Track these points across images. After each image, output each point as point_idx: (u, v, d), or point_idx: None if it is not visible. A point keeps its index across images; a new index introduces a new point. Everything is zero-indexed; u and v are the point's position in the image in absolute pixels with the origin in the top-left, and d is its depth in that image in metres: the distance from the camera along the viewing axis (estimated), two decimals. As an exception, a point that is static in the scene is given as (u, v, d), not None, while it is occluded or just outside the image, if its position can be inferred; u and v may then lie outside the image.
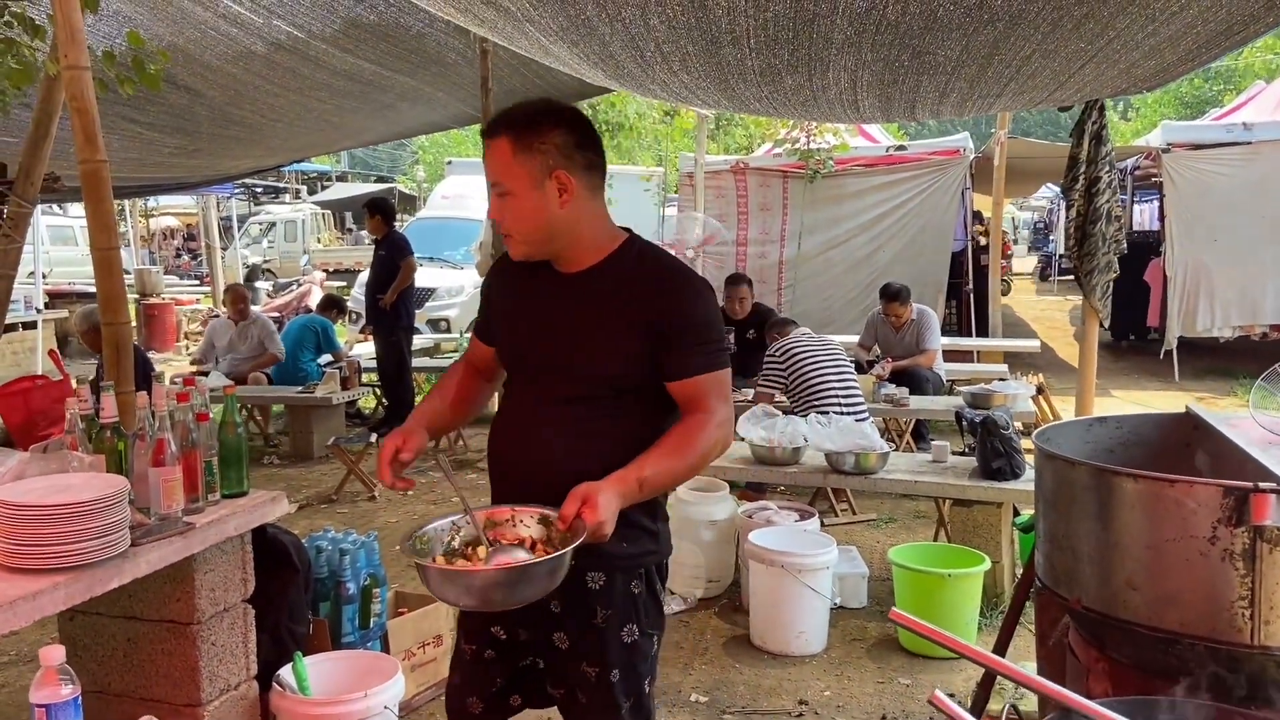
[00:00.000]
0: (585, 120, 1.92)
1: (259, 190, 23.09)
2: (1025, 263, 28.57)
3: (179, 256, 25.40)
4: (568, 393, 1.91)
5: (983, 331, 10.62)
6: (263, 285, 16.22)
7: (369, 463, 6.93)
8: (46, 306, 12.32)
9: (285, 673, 2.80)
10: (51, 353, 5.70)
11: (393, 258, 7.89)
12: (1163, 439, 2.55)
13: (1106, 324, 6.10)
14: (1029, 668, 2.60)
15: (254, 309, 8.78)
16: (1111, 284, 5.81)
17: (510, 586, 1.70)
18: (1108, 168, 5.67)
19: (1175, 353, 10.05)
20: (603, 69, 4.82)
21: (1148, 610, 1.91)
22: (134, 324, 14.06)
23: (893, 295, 7.19)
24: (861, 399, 5.63)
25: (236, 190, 14.94)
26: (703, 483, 4.59)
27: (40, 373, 10.11)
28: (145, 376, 6.37)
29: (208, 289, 16.60)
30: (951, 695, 3.51)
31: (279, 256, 21.75)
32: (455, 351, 9.79)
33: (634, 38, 3.81)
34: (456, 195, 14.29)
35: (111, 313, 3.99)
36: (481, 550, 1.82)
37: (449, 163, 16.53)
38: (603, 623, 1.93)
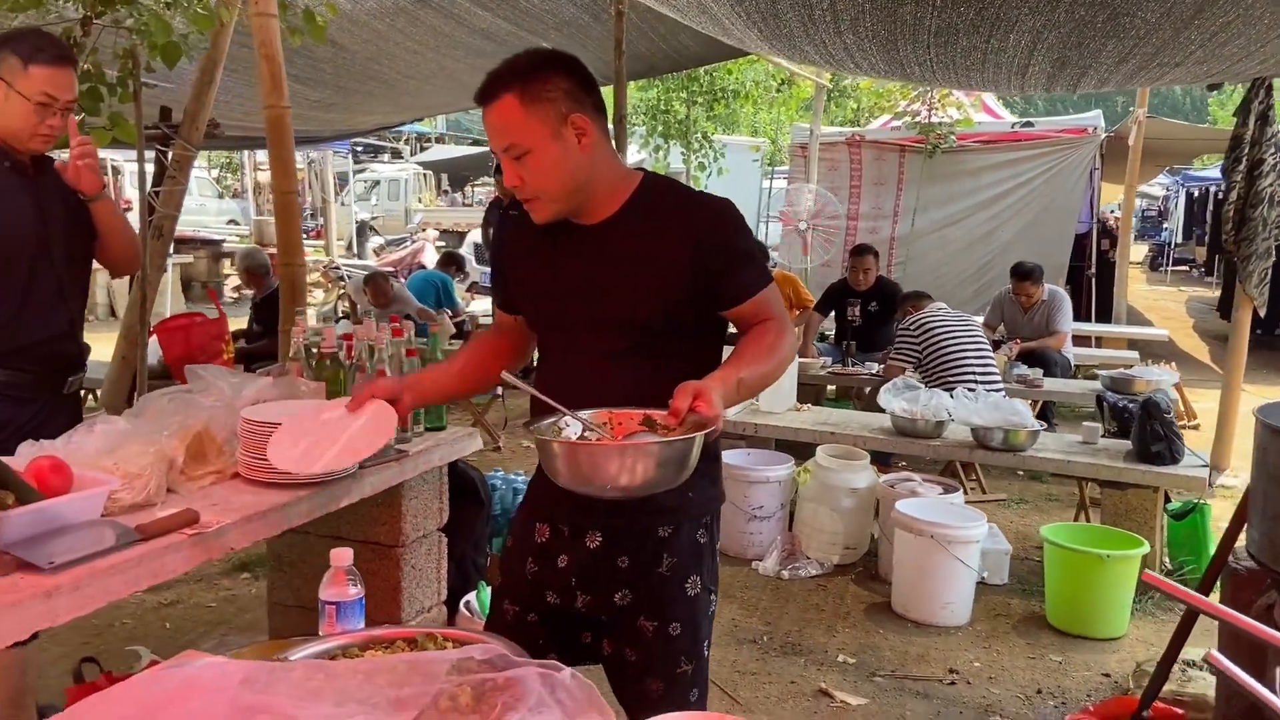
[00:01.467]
0: (580, 63, 1.81)
1: (359, 150, 23.54)
2: (1134, 251, 27.60)
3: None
4: (612, 346, 1.82)
5: (1102, 318, 10.33)
6: (371, 242, 16.56)
7: (494, 415, 7.08)
8: (173, 252, 12.78)
9: (470, 599, 2.92)
10: (210, 290, 5.92)
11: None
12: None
13: (1263, 312, 5.88)
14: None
15: (394, 286, 8.91)
16: (1269, 271, 5.60)
17: (648, 464, 1.58)
18: (1273, 150, 5.46)
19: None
20: (760, 28, 4.80)
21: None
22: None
23: (1025, 274, 7.03)
24: (998, 376, 5.55)
25: (354, 147, 15.27)
26: (843, 450, 4.59)
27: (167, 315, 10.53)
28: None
29: (317, 242, 17.07)
30: (1107, 675, 3.50)
31: (383, 214, 22.20)
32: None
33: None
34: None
35: (289, 254, 4.15)
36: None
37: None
38: (667, 571, 1.87)
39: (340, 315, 9.92)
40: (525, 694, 1.38)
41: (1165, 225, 25.52)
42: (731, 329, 1.94)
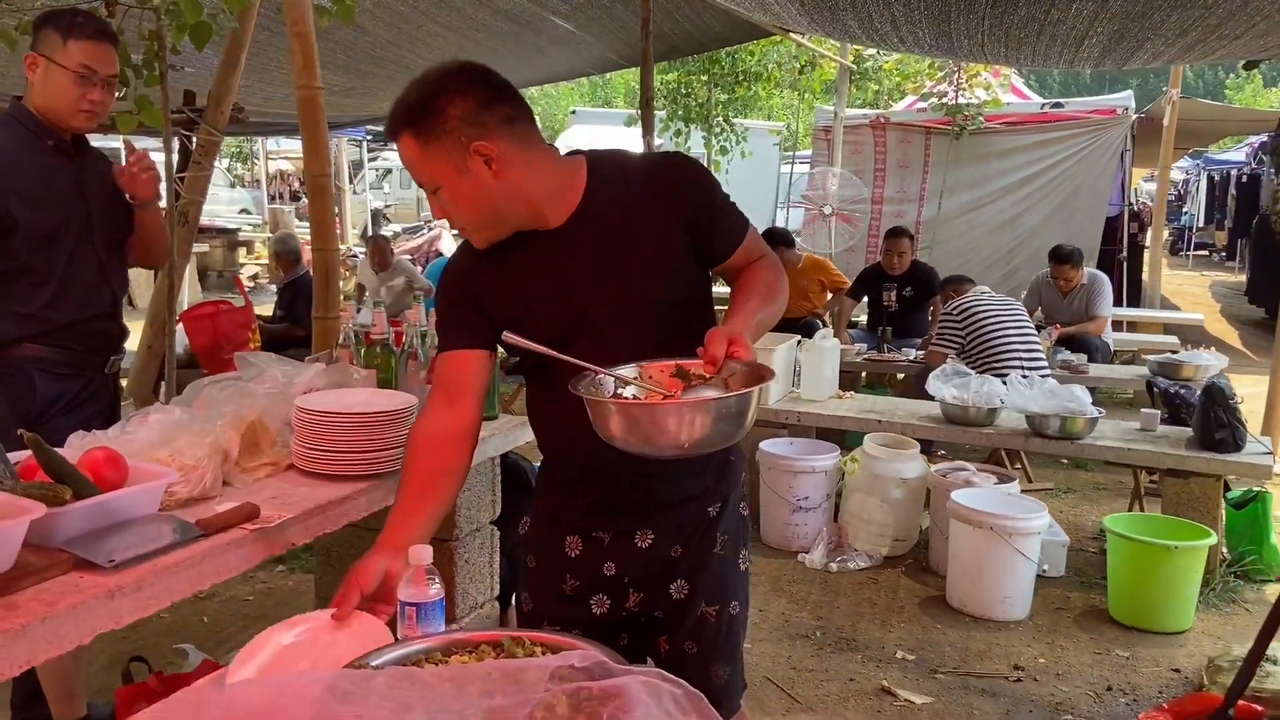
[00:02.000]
0: (480, 71, 1.64)
1: (370, 138, 23.43)
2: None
3: (296, 199, 25.98)
4: (621, 339, 1.65)
5: (1131, 302, 10.16)
6: (386, 230, 16.45)
7: (519, 404, 6.97)
8: (190, 240, 12.69)
9: (525, 595, 2.80)
10: (236, 279, 5.82)
11: None
12: None
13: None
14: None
15: (397, 256, 8.89)
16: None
17: (711, 420, 1.47)
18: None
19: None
20: (800, 3, 4.65)
21: None
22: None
23: (1064, 257, 6.86)
24: (1045, 362, 5.42)
25: (366, 134, 15.15)
26: (892, 439, 4.46)
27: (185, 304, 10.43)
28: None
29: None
30: (1177, 670, 3.37)
31: (396, 202, 22.08)
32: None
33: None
34: (584, 145, 14.24)
35: (321, 238, 4.04)
36: (655, 397, 1.56)
37: (573, 112, 16.46)
38: (722, 550, 1.83)
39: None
40: (631, 705, 1.28)
41: (1185, 209, 25.24)
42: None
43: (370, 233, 16.77)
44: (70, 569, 1.59)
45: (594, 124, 14.65)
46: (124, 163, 2.66)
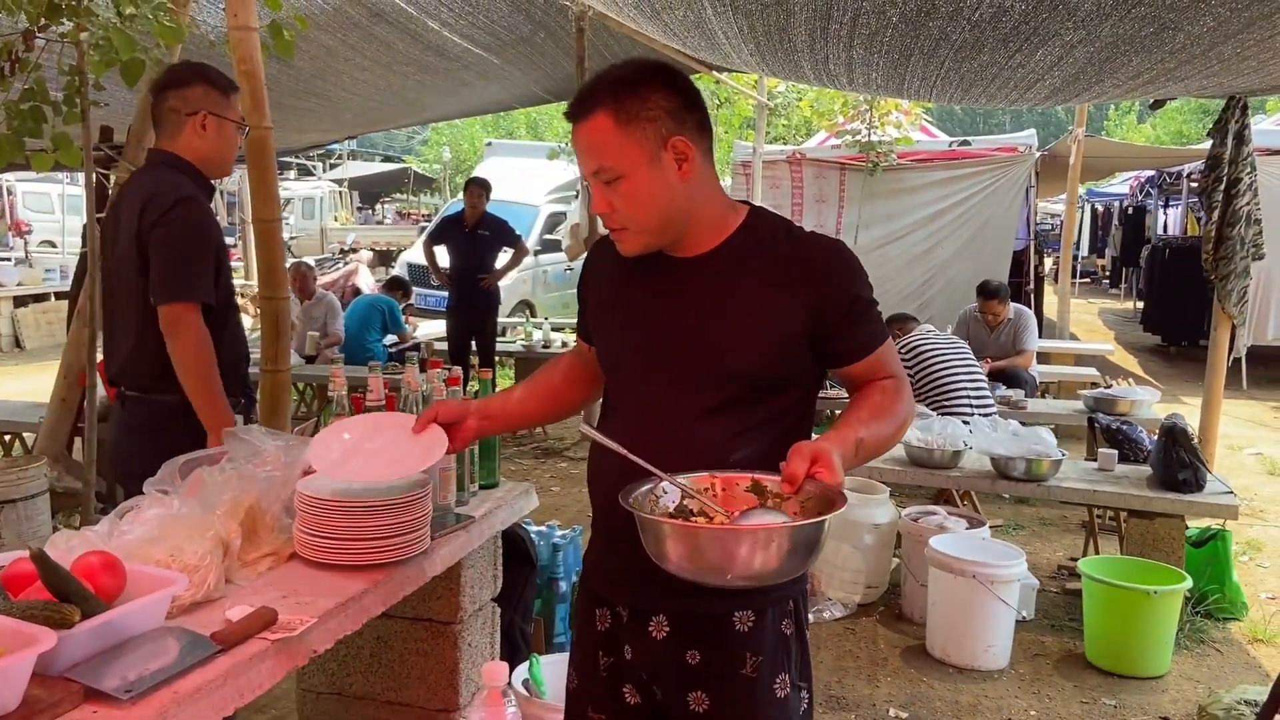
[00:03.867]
0: (686, 77, 1.62)
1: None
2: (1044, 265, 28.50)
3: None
4: (704, 402, 1.58)
5: (1043, 334, 10.46)
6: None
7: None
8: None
9: (524, 676, 2.63)
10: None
11: (498, 239, 7.72)
12: None
13: (1241, 327, 5.92)
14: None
15: (318, 287, 8.55)
16: (1247, 289, 5.65)
17: (774, 552, 1.35)
18: (1249, 169, 5.52)
19: (1244, 361, 9.91)
20: (758, 43, 4.61)
21: None
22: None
23: (992, 293, 7.00)
24: (992, 401, 5.47)
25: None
26: (859, 483, 4.41)
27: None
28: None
29: (234, 263, 16.28)
30: (1166, 719, 3.36)
31: (300, 233, 21.39)
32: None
33: (831, 6, 3.61)
34: (497, 180, 14.03)
35: (271, 287, 3.78)
36: (716, 518, 1.48)
37: (489, 144, 16.21)
38: (753, 672, 1.60)
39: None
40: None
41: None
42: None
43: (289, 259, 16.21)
44: (81, 702, 1.37)
45: (510, 156, 14.45)
46: None
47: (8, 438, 5.93)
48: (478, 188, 7.85)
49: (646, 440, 1.54)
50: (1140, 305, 15.09)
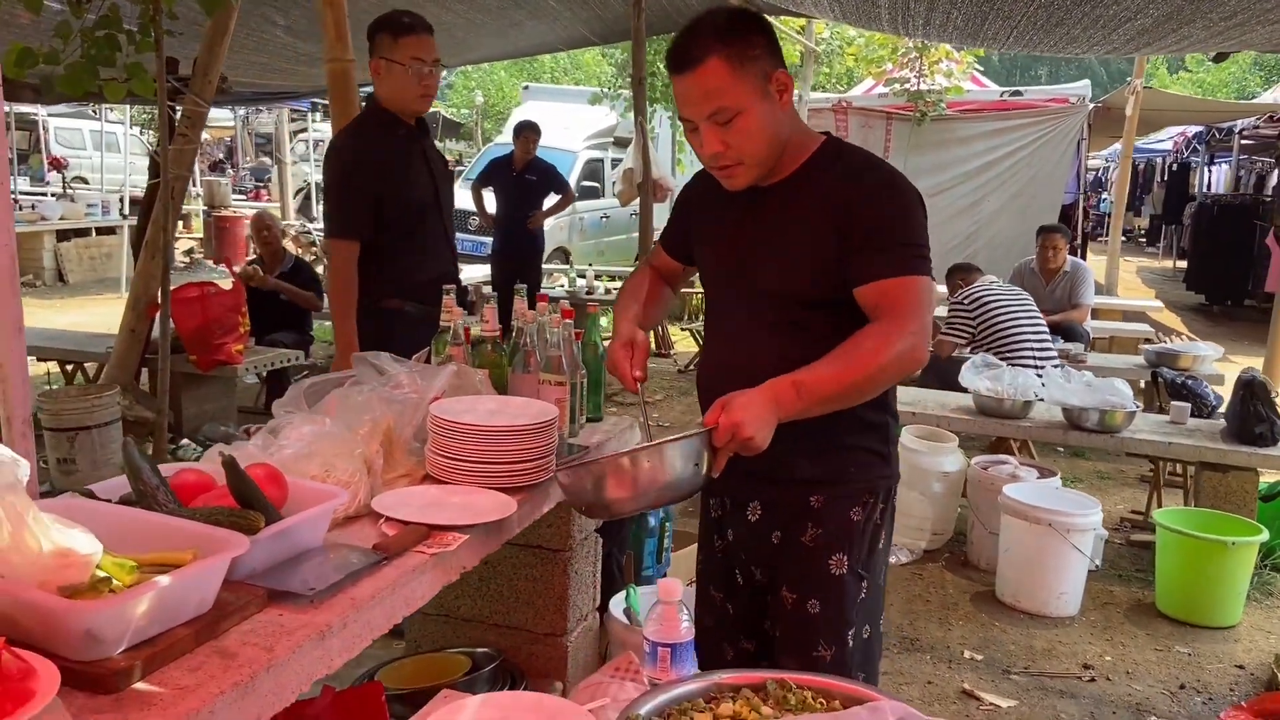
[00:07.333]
0: (766, 19, 1.80)
1: (309, 108, 22.61)
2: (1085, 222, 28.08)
3: (218, 170, 25.00)
4: (773, 317, 1.76)
5: (1087, 289, 10.37)
6: (320, 205, 15.91)
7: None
8: (125, 215, 12.07)
9: (622, 602, 2.67)
10: (226, 260, 5.48)
11: (545, 184, 7.69)
12: None
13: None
14: None
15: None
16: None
17: (636, 475, 1.56)
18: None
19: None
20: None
21: None
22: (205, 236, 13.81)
23: (1053, 228, 6.94)
24: (1055, 352, 5.43)
25: (309, 106, 14.54)
26: (928, 431, 4.42)
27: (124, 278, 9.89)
28: (312, 281, 6.18)
29: (256, 203, 16.30)
30: (1241, 667, 3.38)
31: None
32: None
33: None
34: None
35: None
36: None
37: (525, 88, 16.02)
38: (810, 542, 1.79)
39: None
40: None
41: (1104, 195, 25.98)
42: None
43: (309, 208, 16.20)
44: (266, 605, 1.40)
45: (548, 100, 14.30)
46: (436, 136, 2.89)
47: (69, 367, 5.99)
48: (531, 131, 7.80)
49: (728, 351, 1.85)
50: (1181, 264, 14.91)
